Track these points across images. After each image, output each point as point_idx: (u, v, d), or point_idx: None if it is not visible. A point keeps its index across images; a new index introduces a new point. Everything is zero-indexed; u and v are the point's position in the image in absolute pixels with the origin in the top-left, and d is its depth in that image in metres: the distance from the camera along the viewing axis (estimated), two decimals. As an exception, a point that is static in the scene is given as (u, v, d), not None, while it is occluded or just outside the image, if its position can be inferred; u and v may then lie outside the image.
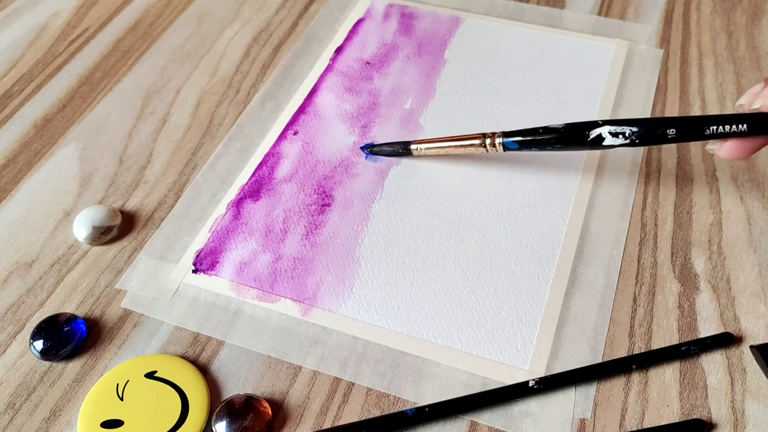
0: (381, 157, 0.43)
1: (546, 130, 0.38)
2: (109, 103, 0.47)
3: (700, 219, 0.40)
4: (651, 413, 0.33)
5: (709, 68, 0.49)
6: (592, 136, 0.37)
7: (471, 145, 0.40)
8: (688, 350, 0.34)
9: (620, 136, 0.36)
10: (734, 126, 0.35)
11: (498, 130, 0.40)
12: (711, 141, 0.36)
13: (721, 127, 0.35)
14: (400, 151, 0.43)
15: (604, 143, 0.37)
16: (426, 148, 0.42)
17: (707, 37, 0.52)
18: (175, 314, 0.36)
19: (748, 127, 0.35)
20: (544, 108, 0.46)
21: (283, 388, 0.34)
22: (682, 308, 0.36)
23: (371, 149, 0.43)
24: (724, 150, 0.36)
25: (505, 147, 0.39)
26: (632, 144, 0.36)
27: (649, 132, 0.36)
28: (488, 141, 0.40)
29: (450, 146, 0.41)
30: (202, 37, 0.52)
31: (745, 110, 0.36)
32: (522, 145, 0.39)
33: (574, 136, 0.37)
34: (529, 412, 0.33)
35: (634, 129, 0.36)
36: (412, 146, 0.42)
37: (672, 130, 0.36)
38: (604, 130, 0.37)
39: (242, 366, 0.34)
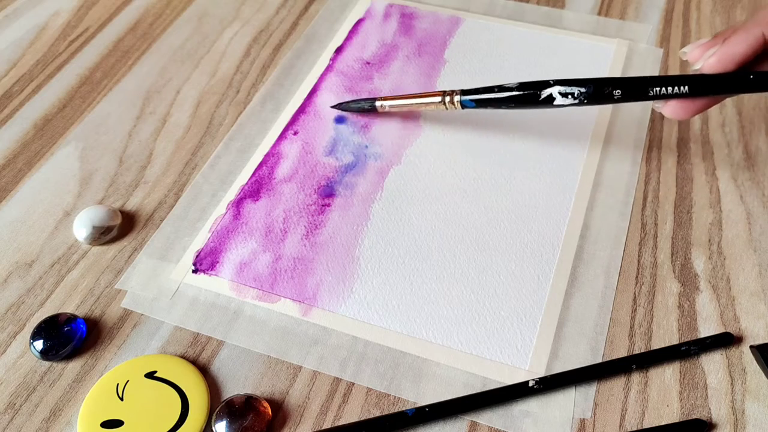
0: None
1: (501, 88, 0.40)
2: (109, 103, 0.47)
3: (700, 219, 0.40)
4: (651, 413, 0.33)
5: (709, 68, 0.49)
6: (543, 96, 0.39)
7: (432, 103, 0.42)
8: (688, 350, 0.34)
9: (569, 96, 0.38)
10: (676, 87, 0.36)
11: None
12: (655, 101, 0.38)
13: (663, 89, 0.37)
14: (366, 107, 0.45)
15: (555, 103, 0.38)
16: (390, 105, 0.44)
17: (707, 36, 0.52)
18: (175, 314, 0.36)
19: (689, 88, 0.36)
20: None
21: (283, 388, 0.34)
22: (682, 308, 0.36)
23: (338, 106, 0.46)
24: (667, 109, 0.37)
25: (463, 105, 0.41)
26: (581, 104, 0.38)
27: (596, 91, 0.38)
28: (447, 99, 0.41)
29: (412, 104, 0.43)
30: (202, 37, 0.52)
31: (687, 59, 0.37)
32: (478, 104, 0.41)
33: (526, 95, 0.39)
34: (529, 412, 0.33)
35: (583, 89, 0.38)
36: (377, 103, 0.44)
37: (618, 90, 0.37)
38: (555, 90, 0.38)
39: (242, 366, 0.34)
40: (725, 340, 0.35)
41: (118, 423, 0.32)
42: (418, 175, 0.43)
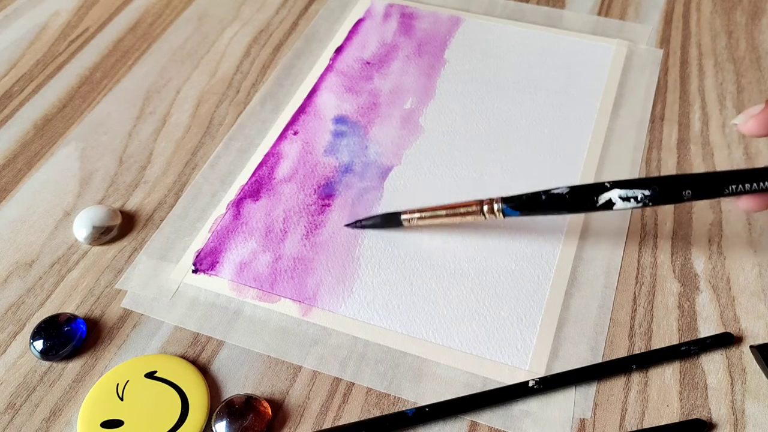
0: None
1: (549, 196, 0.35)
2: (109, 103, 0.47)
3: (700, 219, 0.40)
4: (651, 413, 0.33)
5: (709, 68, 0.49)
6: (601, 202, 0.34)
7: (468, 213, 0.37)
8: (688, 350, 0.34)
9: (632, 200, 0.33)
10: (755, 184, 0.33)
11: (495, 195, 0.36)
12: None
13: (740, 186, 0.33)
14: (388, 223, 0.39)
15: (615, 208, 0.34)
16: (419, 218, 0.38)
17: (707, 37, 0.52)
18: (175, 314, 0.36)
19: None
20: (544, 108, 0.46)
21: (283, 388, 0.34)
22: (682, 308, 0.36)
23: (358, 224, 0.39)
24: (742, 203, 0.34)
25: (505, 214, 0.36)
26: (645, 206, 0.34)
27: (663, 194, 0.33)
28: (486, 207, 0.36)
29: (444, 215, 0.37)
30: (202, 37, 0.52)
31: (741, 130, 0.34)
32: (524, 211, 0.36)
33: (580, 201, 0.34)
34: (529, 412, 0.33)
35: (647, 192, 0.33)
36: (403, 216, 0.38)
37: (688, 191, 0.33)
38: (614, 195, 0.34)
39: (242, 366, 0.34)
40: (725, 340, 0.35)
41: (118, 423, 0.32)
42: (418, 175, 0.43)
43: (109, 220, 0.39)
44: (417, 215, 0.38)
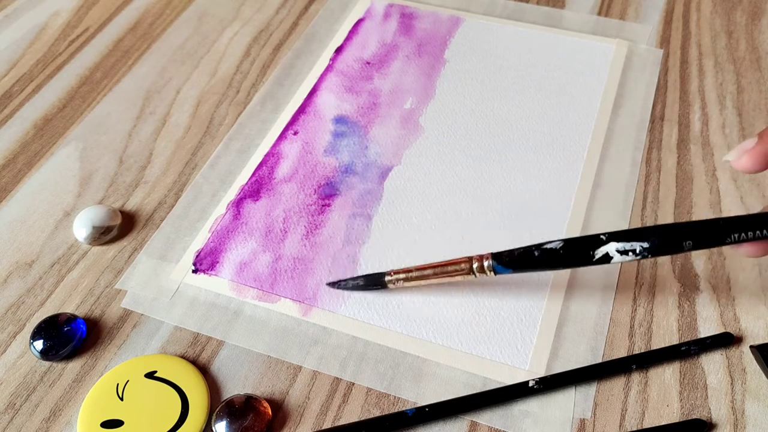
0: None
1: (542, 252, 0.33)
2: (109, 103, 0.47)
3: (700, 219, 0.40)
4: (651, 413, 0.33)
5: (709, 68, 0.49)
6: (597, 256, 0.32)
7: (456, 272, 0.35)
8: (688, 350, 0.34)
9: (630, 253, 0.32)
10: (758, 231, 0.31)
11: (484, 250, 0.35)
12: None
13: (743, 234, 0.31)
14: (371, 284, 0.36)
15: (614, 261, 0.32)
16: (404, 279, 0.36)
17: (707, 37, 0.52)
18: (175, 314, 0.36)
19: None
20: (544, 108, 0.46)
21: (283, 388, 0.34)
22: (682, 308, 0.36)
23: (339, 284, 0.37)
24: (743, 249, 0.33)
25: (496, 271, 0.34)
26: (644, 258, 0.32)
27: (662, 246, 0.32)
28: (476, 265, 0.34)
29: (431, 274, 0.35)
30: (202, 37, 0.52)
31: (734, 167, 0.33)
32: (516, 268, 0.34)
33: (576, 256, 0.33)
34: (529, 412, 0.33)
35: (645, 245, 0.32)
36: (387, 278, 0.36)
37: (689, 242, 0.32)
38: (611, 248, 0.32)
39: (242, 366, 0.34)
40: (725, 340, 0.35)
41: (118, 423, 0.32)
42: (418, 175, 0.43)
43: (109, 220, 0.39)
44: (402, 276, 0.36)
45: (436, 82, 0.48)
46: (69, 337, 0.35)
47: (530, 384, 0.33)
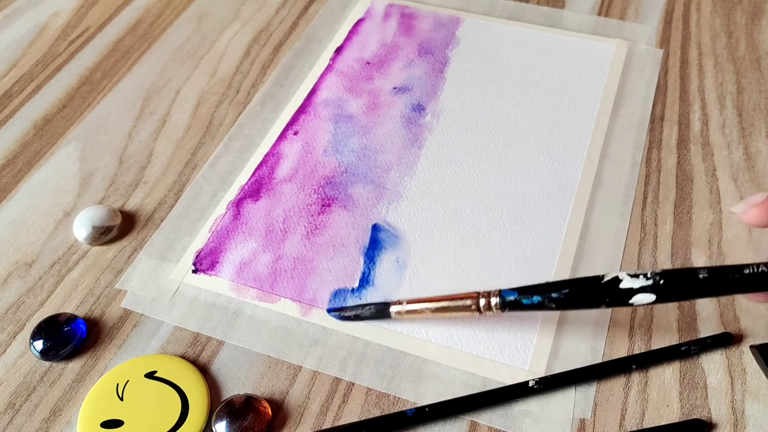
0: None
1: (550, 299, 0.32)
2: (109, 103, 0.47)
3: (700, 219, 0.40)
4: (651, 413, 0.33)
5: (709, 68, 0.49)
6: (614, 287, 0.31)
7: (463, 307, 0.34)
8: (688, 350, 0.34)
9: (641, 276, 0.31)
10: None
11: (492, 287, 0.34)
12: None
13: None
14: (376, 314, 0.35)
15: (633, 301, 0.31)
16: (407, 312, 0.35)
17: (707, 37, 0.52)
18: (175, 314, 0.36)
19: None
20: (544, 108, 0.46)
21: (283, 388, 0.34)
22: (682, 308, 0.36)
23: (339, 313, 0.36)
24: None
25: (504, 307, 0.33)
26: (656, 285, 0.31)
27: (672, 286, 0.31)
28: (483, 302, 0.33)
29: (436, 308, 0.34)
30: (202, 37, 0.52)
31: (741, 219, 0.33)
32: (527, 308, 0.33)
33: (588, 299, 0.31)
34: (529, 412, 0.33)
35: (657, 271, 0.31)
36: (393, 308, 0.35)
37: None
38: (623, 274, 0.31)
39: (242, 366, 0.34)
40: (725, 340, 0.35)
41: (118, 423, 0.32)
42: (417, 175, 0.43)
43: (109, 220, 0.39)
44: (407, 307, 0.35)
45: (436, 83, 0.48)
46: (69, 337, 0.35)
47: (530, 384, 0.33)
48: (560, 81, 0.48)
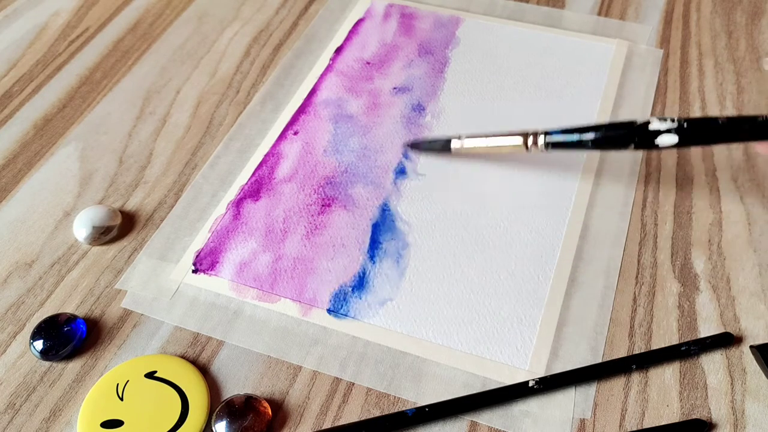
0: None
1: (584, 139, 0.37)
2: (109, 103, 0.47)
3: (700, 219, 0.40)
4: (651, 413, 0.33)
5: (709, 68, 0.49)
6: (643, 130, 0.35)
7: (513, 145, 0.40)
8: (688, 350, 0.34)
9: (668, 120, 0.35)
10: None
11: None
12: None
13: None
14: (440, 147, 0.42)
15: (659, 141, 0.35)
16: (468, 145, 0.41)
17: (707, 37, 0.52)
18: (175, 314, 0.36)
19: None
20: (545, 108, 0.46)
21: (283, 388, 0.34)
22: (682, 308, 0.36)
23: (414, 145, 0.43)
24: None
25: (547, 147, 0.39)
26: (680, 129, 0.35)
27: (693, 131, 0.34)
28: (530, 140, 0.39)
29: (491, 146, 0.40)
30: (202, 37, 0.52)
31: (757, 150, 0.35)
32: (560, 146, 0.39)
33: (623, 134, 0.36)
34: (529, 412, 0.33)
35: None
36: (453, 143, 0.42)
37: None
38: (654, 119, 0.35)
39: (242, 366, 0.34)
40: (725, 340, 0.35)
41: (118, 423, 0.32)
42: (417, 175, 0.43)
43: (109, 220, 0.39)
44: (465, 143, 0.41)
45: (436, 82, 0.48)
46: (69, 337, 0.35)
47: (530, 384, 0.33)
48: (560, 81, 0.48)
